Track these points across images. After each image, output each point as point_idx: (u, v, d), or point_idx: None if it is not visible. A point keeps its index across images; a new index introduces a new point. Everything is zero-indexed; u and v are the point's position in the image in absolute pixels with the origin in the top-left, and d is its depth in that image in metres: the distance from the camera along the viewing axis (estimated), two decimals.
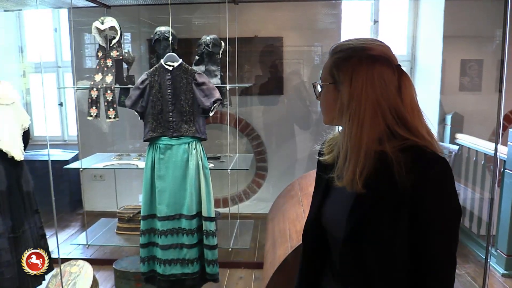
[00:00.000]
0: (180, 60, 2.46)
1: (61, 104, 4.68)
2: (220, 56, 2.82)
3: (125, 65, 2.91)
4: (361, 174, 0.93)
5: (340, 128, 1.04)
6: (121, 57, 2.73)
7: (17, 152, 2.35)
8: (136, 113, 2.50)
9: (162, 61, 2.46)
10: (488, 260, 2.10)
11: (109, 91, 2.65)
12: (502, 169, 3.00)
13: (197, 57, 2.80)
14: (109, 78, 2.67)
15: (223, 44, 2.83)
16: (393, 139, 0.93)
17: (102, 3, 3.16)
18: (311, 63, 4.12)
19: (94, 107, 2.67)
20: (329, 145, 1.11)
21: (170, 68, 2.44)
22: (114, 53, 2.70)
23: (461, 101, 3.86)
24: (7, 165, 2.35)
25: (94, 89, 2.66)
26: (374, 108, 0.91)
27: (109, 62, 2.70)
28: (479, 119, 3.74)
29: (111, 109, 2.67)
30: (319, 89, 1.04)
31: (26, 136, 2.49)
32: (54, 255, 2.68)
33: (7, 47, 4.54)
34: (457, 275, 2.99)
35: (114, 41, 2.70)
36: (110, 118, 2.67)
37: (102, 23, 2.65)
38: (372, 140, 0.93)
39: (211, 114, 2.47)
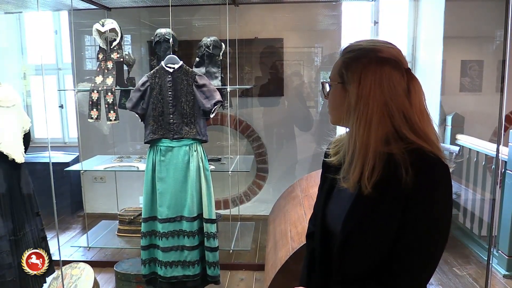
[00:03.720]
0: (181, 62, 2.46)
1: (61, 106, 4.68)
2: (221, 58, 2.82)
3: (125, 67, 2.91)
4: (371, 176, 0.92)
5: (348, 129, 1.03)
6: (121, 59, 2.73)
7: (18, 154, 2.35)
8: (137, 115, 2.50)
9: (162, 63, 2.46)
10: (490, 262, 2.09)
11: (109, 93, 2.65)
12: (503, 170, 3.00)
13: (197, 59, 2.80)
14: (110, 80, 2.67)
15: (223, 45, 2.83)
16: (400, 141, 0.93)
17: (102, 5, 3.16)
18: (312, 65, 4.12)
19: (94, 109, 2.67)
20: (335, 146, 1.11)
21: (171, 70, 2.44)
22: (114, 55, 2.71)
23: (461, 102, 3.86)
24: (8, 168, 2.35)
25: (95, 91, 2.66)
26: (382, 110, 0.91)
27: (110, 64, 2.70)
28: (480, 120, 3.73)
29: (111, 111, 2.67)
30: (328, 88, 1.03)
31: (27, 138, 2.49)
32: (55, 257, 2.68)
33: (7, 49, 4.54)
34: (458, 277, 2.99)
35: (114, 43, 2.70)
36: (110, 120, 2.68)
37: (103, 25, 2.66)
38: (380, 141, 0.93)
39: (211, 116, 2.47)
